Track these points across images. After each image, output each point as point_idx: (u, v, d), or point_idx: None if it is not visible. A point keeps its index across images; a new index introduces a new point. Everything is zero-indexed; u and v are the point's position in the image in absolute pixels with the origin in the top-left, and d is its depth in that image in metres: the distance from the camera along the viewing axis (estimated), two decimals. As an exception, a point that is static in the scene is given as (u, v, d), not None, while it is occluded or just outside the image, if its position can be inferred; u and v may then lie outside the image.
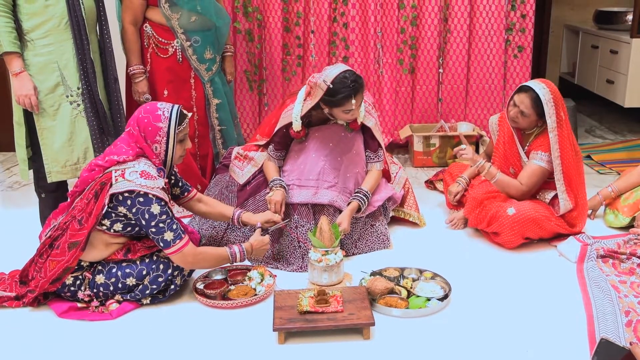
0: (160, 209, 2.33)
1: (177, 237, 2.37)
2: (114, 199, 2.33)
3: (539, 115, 2.92)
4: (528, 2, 4.34)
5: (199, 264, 2.50)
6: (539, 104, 2.88)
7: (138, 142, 2.41)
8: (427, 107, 4.53)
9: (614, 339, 2.15)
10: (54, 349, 2.24)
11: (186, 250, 2.39)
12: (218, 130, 3.55)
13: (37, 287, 2.42)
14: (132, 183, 2.30)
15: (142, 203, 2.31)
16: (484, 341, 2.23)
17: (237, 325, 2.36)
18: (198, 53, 3.36)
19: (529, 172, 2.97)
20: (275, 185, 2.89)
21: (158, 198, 2.33)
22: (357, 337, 2.27)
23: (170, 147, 2.44)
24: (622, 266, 2.73)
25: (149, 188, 2.31)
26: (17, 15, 3.03)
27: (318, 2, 4.28)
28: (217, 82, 3.49)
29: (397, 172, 3.31)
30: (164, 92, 3.38)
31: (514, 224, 2.87)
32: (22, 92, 3.04)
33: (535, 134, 3.01)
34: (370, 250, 2.98)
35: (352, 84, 2.72)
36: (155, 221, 2.33)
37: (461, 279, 2.65)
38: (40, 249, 2.45)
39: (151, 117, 2.41)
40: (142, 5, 3.24)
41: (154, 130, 2.40)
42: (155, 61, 3.35)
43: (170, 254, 2.39)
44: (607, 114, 5.69)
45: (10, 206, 3.67)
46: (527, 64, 4.46)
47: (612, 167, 4.21)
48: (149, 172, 2.34)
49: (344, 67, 2.81)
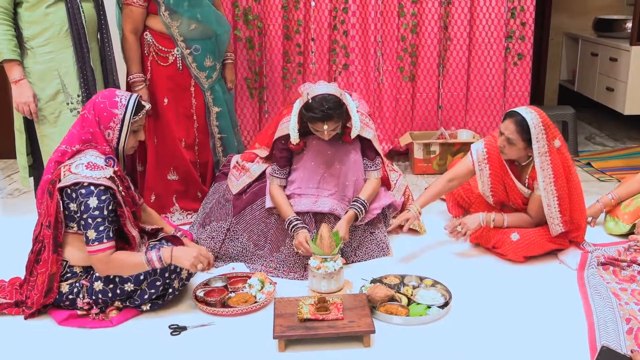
0: (97, 204, 2.28)
1: (98, 240, 2.30)
2: (64, 195, 2.31)
3: (526, 142, 2.74)
4: (528, 10, 4.36)
5: (114, 271, 2.37)
6: (525, 127, 2.70)
7: (91, 126, 2.39)
8: (427, 114, 4.54)
9: (615, 346, 2.15)
10: (54, 357, 2.23)
11: (100, 255, 2.31)
12: (218, 138, 3.55)
13: (33, 304, 2.42)
14: (78, 175, 2.28)
15: (83, 195, 2.28)
16: (484, 349, 2.23)
17: (237, 333, 2.36)
18: (198, 61, 3.36)
19: (536, 203, 2.88)
20: (297, 227, 2.79)
21: (101, 191, 2.29)
22: (358, 344, 2.26)
23: (123, 136, 2.42)
24: (623, 273, 2.73)
25: (94, 179, 2.28)
26: (18, 22, 3.04)
27: (318, 10, 4.29)
28: (218, 91, 3.49)
29: (398, 180, 3.31)
30: (164, 100, 3.37)
31: (518, 248, 2.86)
32: (21, 100, 3.05)
33: (532, 165, 2.83)
34: (370, 258, 2.97)
35: (327, 110, 2.66)
36: (87, 214, 2.28)
37: (462, 286, 2.65)
38: (29, 266, 2.45)
39: (108, 103, 2.39)
40: (142, 14, 3.24)
41: (109, 116, 2.38)
42: (156, 69, 3.35)
43: (88, 252, 2.33)
44: (606, 121, 5.70)
45: (11, 213, 3.67)
46: (527, 71, 4.47)
47: (612, 174, 4.21)
48: (96, 163, 2.32)
49: (335, 90, 2.74)
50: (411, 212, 2.95)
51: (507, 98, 4.52)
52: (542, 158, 2.74)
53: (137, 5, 3.20)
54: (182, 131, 3.44)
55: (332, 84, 2.79)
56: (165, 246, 2.45)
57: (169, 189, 3.48)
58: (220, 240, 2.98)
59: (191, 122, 3.45)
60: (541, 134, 2.71)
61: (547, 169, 2.75)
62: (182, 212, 3.50)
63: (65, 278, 2.43)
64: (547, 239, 2.89)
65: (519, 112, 2.75)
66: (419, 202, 3.01)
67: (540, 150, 2.73)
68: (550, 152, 2.73)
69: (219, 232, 3.00)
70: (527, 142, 2.75)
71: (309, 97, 2.69)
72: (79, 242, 2.39)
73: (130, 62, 3.32)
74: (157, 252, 2.37)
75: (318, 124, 2.71)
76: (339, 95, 2.72)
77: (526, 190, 2.93)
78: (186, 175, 3.48)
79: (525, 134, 2.72)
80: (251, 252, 2.95)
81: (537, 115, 2.73)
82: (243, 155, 3.21)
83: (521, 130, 2.73)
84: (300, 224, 2.80)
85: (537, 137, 2.71)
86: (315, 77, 4.39)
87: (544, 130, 2.72)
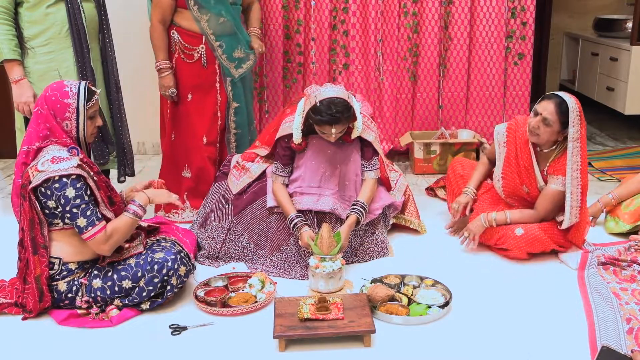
0: (75, 193, 2.30)
1: (90, 224, 2.33)
2: (39, 194, 2.32)
3: (562, 125, 2.77)
4: (528, 10, 4.35)
5: (115, 242, 2.41)
6: (564, 110, 2.75)
7: (47, 121, 2.39)
8: (428, 114, 4.54)
9: (616, 346, 2.14)
10: (54, 357, 2.23)
11: (98, 237, 2.34)
12: (233, 133, 3.56)
13: (32, 310, 2.42)
14: (46, 172, 2.29)
15: (57, 189, 2.29)
16: (485, 349, 2.23)
17: (237, 333, 2.36)
18: (227, 52, 3.39)
19: (548, 197, 2.88)
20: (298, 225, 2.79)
21: (74, 180, 2.30)
22: (358, 344, 2.26)
23: (81, 124, 2.42)
24: (623, 273, 2.73)
25: (62, 170, 2.29)
26: (19, 22, 3.04)
27: (319, 9, 4.29)
28: (239, 87, 3.51)
29: (398, 180, 3.31)
30: (187, 96, 3.41)
31: (522, 243, 2.86)
32: (21, 100, 3.06)
33: (556, 155, 2.87)
34: (370, 259, 2.97)
35: (335, 114, 2.65)
36: (69, 206, 2.30)
37: (462, 286, 2.65)
38: (21, 275, 2.45)
39: (59, 94, 2.39)
40: (171, 7, 3.29)
41: (63, 107, 2.38)
42: (181, 66, 3.39)
43: (85, 240, 2.35)
44: (607, 121, 5.70)
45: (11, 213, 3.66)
46: (528, 71, 4.47)
47: (612, 174, 4.21)
48: (60, 156, 2.32)
49: (343, 92, 2.73)
50: (469, 195, 3.16)
51: (507, 98, 4.52)
52: (573, 144, 2.77)
53: None
54: (205, 128, 3.46)
55: (339, 86, 2.78)
56: (135, 202, 2.50)
57: (182, 185, 3.50)
58: (220, 240, 2.98)
59: (216, 118, 3.47)
60: (577, 120, 2.75)
61: (576, 155, 2.78)
62: (192, 210, 3.51)
63: (61, 276, 2.43)
64: (551, 237, 2.88)
65: (560, 95, 2.80)
66: (472, 185, 3.19)
67: (574, 136, 2.76)
68: (581, 139, 2.78)
69: (220, 232, 3.00)
70: (563, 125, 2.78)
71: (316, 100, 2.68)
72: (68, 237, 2.40)
73: (157, 49, 3.34)
74: (133, 203, 2.47)
75: (326, 127, 2.71)
76: (346, 98, 2.72)
77: (541, 179, 2.93)
78: (200, 172, 3.50)
79: (563, 116, 2.76)
80: (252, 251, 2.95)
81: (575, 101, 2.78)
82: (243, 155, 3.21)
83: (560, 112, 2.76)
84: (301, 222, 2.80)
85: (574, 122, 2.75)
86: (316, 77, 4.39)
87: (579, 116, 2.76)
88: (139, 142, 4.76)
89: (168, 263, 2.44)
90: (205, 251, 2.98)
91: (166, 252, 2.48)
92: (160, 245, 2.56)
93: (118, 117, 3.34)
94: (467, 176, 3.30)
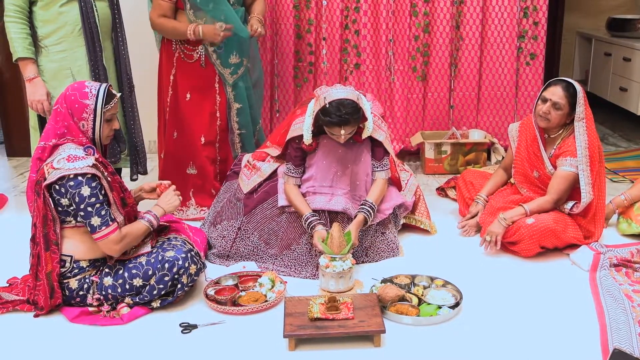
0: (90, 191, 2.31)
1: (104, 224, 2.34)
2: (53, 192, 2.33)
3: (571, 107, 2.91)
4: (540, 10, 4.32)
5: (126, 245, 2.44)
6: (572, 92, 2.90)
7: (65, 119, 2.41)
8: (439, 114, 4.52)
9: (628, 349, 2.13)
10: (66, 354, 2.24)
11: (112, 237, 2.35)
12: (237, 134, 3.55)
13: (43, 307, 2.44)
14: (62, 169, 2.30)
15: (72, 187, 2.30)
16: (495, 350, 2.21)
17: (247, 331, 2.36)
18: (222, 58, 3.38)
19: (558, 179, 2.96)
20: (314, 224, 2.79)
21: (89, 179, 2.32)
22: (368, 344, 2.26)
23: (98, 125, 2.43)
24: (636, 275, 2.70)
25: (77, 169, 2.30)
26: (33, 21, 3.06)
27: (330, 9, 4.28)
28: (240, 87, 3.48)
29: (408, 180, 3.30)
30: (186, 95, 3.40)
31: (533, 233, 2.85)
32: (34, 98, 3.08)
33: (562, 137, 3.00)
34: (380, 259, 2.97)
35: (344, 115, 2.65)
36: (84, 204, 2.31)
37: (473, 286, 2.64)
38: (33, 271, 2.47)
39: (78, 95, 2.41)
40: (171, 8, 3.28)
41: (81, 107, 2.40)
42: (181, 65, 3.39)
43: (96, 240, 2.36)
44: (620, 121, 5.66)
45: (24, 210, 3.68)
46: (540, 71, 4.44)
47: (625, 175, 4.18)
48: (76, 155, 2.34)
49: (352, 94, 2.72)
50: (480, 205, 3.25)
51: (519, 98, 4.49)
52: (580, 123, 2.91)
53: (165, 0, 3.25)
54: (204, 128, 3.45)
55: (348, 87, 2.78)
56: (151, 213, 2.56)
57: (187, 182, 3.50)
58: (231, 239, 2.98)
59: (214, 119, 3.46)
60: (582, 100, 2.91)
61: (583, 133, 2.91)
62: (196, 207, 3.52)
63: (73, 274, 2.44)
64: (562, 227, 2.89)
65: (564, 79, 2.97)
66: (484, 192, 3.29)
67: (580, 116, 2.91)
68: (587, 118, 2.92)
69: (230, 231, 3.01)
70: (571, 107, 2.92)
71: (326, 102, 2.68)
72: (80, 234, 2.41)
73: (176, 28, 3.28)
74: (150, 213, 2.55)
75: (335, 128, 2.70)
76: (355, 99, 2.71)
77: (548, 163, 3.02)
78: (201, 170, 3.50)
79: (572, 98, 2.91)
80: (262, 250, 2.95)
81: (577, 83, 2.95)
82: (254, 155, 3.21)
83: (568, 95, 2.91)
84: (316, 220, 2.80)
85: (579, 102, 2.90)
86: (327, 77, 4.38)
87: (584, 97, 2.92)
88: (150, 141, 4.77)
89: (179, 261, 2.45)
90: (216, 250, 2.99)
91: (177, 250, 2.49)
92: (170, 244, 2.57)
93: (130, 116, 3.35)
94: (478, 185, 3.38)
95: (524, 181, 3.16)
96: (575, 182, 2.94)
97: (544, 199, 2.98)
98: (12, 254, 2.96)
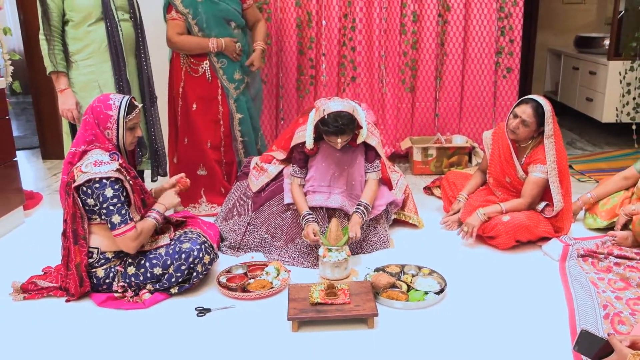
0: (113, 193, 2.32)
1: (123, 222, 2.34)
2: (80, 193, 2.34)
3: (538, 125, 2.89)
4: (516, 29, 4.32)
5: (142, 241, 2.44)
6: (540, 112, 2.87)
7: (92, 128, 2.41)
8: (425, 121, 4.52)
9: (594, 330, 2.13)
10: (94, 334, 2.24)
11: (130, 234, 2.35)
12: (240, 141, 3.55)
13: (74, 293, 2.44)
14: (89, 173, 2.31)
15: (98, 188, 2.31)
16: (475, 330, 2.21)
17: (255, 315, 2.36)
18: (227, 74, 3.38)
19: (531, 185, 2.94)
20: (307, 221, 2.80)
21: (112, 182, 2.32)
22: (363, 326, 2.26)
23: (121, 133, 2.43)
24: (600, 264, 2.70)
25: (103, 173, 2.31)
26: (65, 39, 3.07)
27: (329, 28, 4.28)
28: (241, 100, 3.49)
29: (398, 180, 3.30)
30: (193, 105, 3.41)
31: (509, 229, 2.85)
32: (65, 107, 3.09)
33: (531, 147, 2.99)
34: (373, 250, 2.96)
35: (341, 126, 2.65)
36: (107, 203, 2.31)
37: (456, 275, 2.63)
38: (64, 262, 2.47)
39: (103, 107, 2.41)
40: (184, 27, 3.29)
41: (105, 117, 2.40)
42: (188, 79, 3.39)
43: (115, 236, 2.36)
44: (586, 128, 5.65)
45: (57, 207, 3.69)
46: (515, 83, 4.44)
47: (591, 175, 4.17)
48: (102, 160, 2.34)
49: (349, 105, 2.72)
50: (461, 202, 3.21)
51: (497, 107, 4.49)
52: (549, 140, 2.89)
53: (179, 19, 3.27)
54: (209, 134, 3.46)
55: (345, 100, 2.78)
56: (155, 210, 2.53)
57: (198, 182, 3.50)
58: (241, 232, 2.98)
59: (218, 126, 3.47)
60: (550, 119, 2.88)
61: (551, 149, 2.89)
62: (207, 204, 3.52)
63: (100, 264, 2.44)
64: (534, 223, 2.90)
65: (534, 98, 2.91)
66: (465, 192, 3.25)
67: (549, 133, 2.88)
68: (555, 135, 2.89)
69: (241, 225, 3.01)
70: (538, 125, 2.90)
71: (324, 113, 2.68)
72: (105, 230, 2.41)
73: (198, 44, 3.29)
74: (153, 212, 2.50)
75: (332, 137, 2.71)
76: (351, 111, 2.70)
77: (520, 169, 3.00)
78: (211, 171, 3.50)
79: (540, 117, 2.88)
80: (269, 243, 2.95)
81: (547, 103, 2.90)
82: (262, 157, 3.21)
83: (536, 115, 2.88)
84: (311, 218, 2.80)
85: (548, 121, 2.87)
86: (326, 88, 4.38)
87: (552, 116, 2.89)
88: (169, 145, 4.77)
89: (194, 252, 2.45)
90: (228, 242, 2.99)
91: (192, 242, 2.49)
92: (187, 237, 2.57)
93: (152, 124, 3.35)
94: (460, 185, 3.38)
95: (498, 185, 3.16)
96: (546, 186, 2.94)
97: (519, 201, 2.97)
98: (47, 245, 2.97)
